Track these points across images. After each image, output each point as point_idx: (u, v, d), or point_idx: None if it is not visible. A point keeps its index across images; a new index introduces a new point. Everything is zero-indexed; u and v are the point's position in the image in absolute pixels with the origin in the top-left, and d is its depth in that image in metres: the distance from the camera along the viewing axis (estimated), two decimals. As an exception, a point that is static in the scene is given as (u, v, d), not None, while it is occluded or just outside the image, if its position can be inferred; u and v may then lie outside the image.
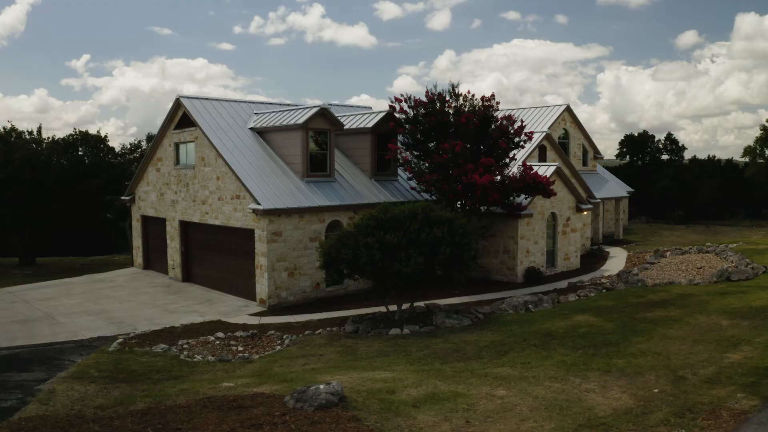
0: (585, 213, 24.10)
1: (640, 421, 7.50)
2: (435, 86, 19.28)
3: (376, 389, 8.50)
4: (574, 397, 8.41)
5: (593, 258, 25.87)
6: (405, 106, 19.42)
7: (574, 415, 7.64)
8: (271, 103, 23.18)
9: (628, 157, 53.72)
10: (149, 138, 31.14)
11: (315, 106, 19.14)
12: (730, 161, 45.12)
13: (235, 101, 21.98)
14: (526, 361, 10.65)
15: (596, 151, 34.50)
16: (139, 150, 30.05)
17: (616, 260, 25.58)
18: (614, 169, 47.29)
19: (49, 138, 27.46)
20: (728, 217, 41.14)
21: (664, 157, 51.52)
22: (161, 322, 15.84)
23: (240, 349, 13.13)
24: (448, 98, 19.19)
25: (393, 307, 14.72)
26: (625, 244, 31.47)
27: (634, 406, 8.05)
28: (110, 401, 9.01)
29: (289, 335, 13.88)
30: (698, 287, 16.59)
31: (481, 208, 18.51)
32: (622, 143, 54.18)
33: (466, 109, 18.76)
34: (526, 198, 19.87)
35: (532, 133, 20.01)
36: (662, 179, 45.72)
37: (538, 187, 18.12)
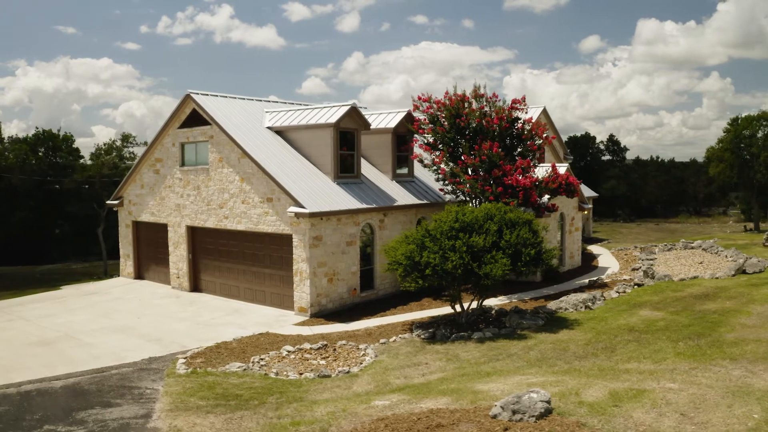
0: (585, 212, 25.00)
1: (825, 397, 7.80)
2: (455, 87, 19.26)
3: (558, 393, 8.25)
4: (741, 383, 8.61)
5: (583, 256, 26.86)
6: (432, 106, 19.21)
7: (768, 398, 7.82)
8: (276, 102, 22.15)
9: (571, 157, 56.58)
10: (124, 138, 28.73)
11: (344, 105, 18.47)
12: (672, 161, 48.67)
13: (243, 98, 20.78)
14: (646, 355, 10.79)
15: (566, 152, 35.98)
16: (114, 151, 27.65)
17: (606, 257, 26.70)
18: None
19: (8, 138, 24.56)
20: (673, 215, 44.36)
21: (606, 158, 54.81)
22: (204, 336, 14.62)
23: (322, 362, 12.34)
24: (471, 99, 19.20)
25: (437, 309, 14.48)
26: (598, 242, 33.01)
27: (803, 387, 8.38)
28: (258, 434, 8.13)
29: (365, 345, 13.24)
30: (724, 280, 17.63)
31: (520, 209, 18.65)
32: (565, 144, 56.94)
33: (488, 111, 18.86)
34: (548, 198, 20.25)
35: (544, 130, 20.35)
36: (608, 179, 48.51)
37: (570, 188, 18.55)
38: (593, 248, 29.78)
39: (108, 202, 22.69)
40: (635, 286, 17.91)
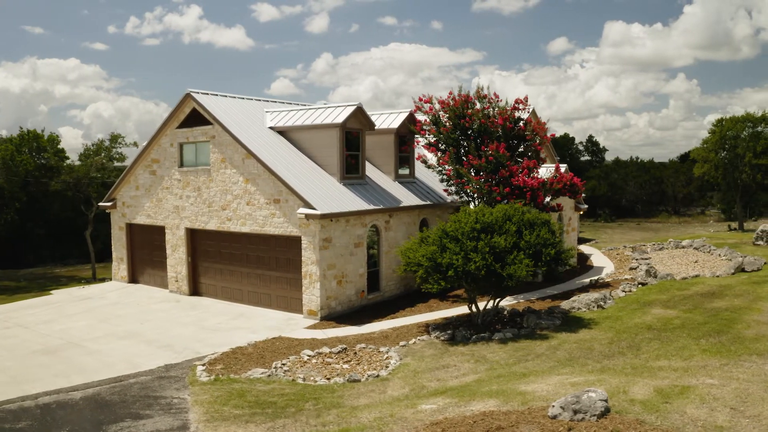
0: (581, 212, 25.28)
1: None
2: (460, 87, 19.27)
3: (606, 392, 8.23)
4: (779, 380, 8.77)
5: (577, 256, 27.14)
6: (435, 107, 19.16)
7: (815, 395, 7.95)
8: (274, 101, 21.81)
9: (558, 158, 57.35)
10: (113, 138, 27.80)
11: (350, 105, 18.28)
12: (652, 161, 49.70)
13: (243, 98, 20.39)
14: (672, 353, 10.91)
15: (554, 153, 36.34)
16: (103, 152, 26.74)
17: (598, 257, 27.06)
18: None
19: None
20: (653, 215, 45.28)
21: (585, 158, 55.68)
22: (215, 342, 14.25)
23: (345, 366, 12.15)
24: (474, 100, 19.22)
25: (447, 311, 14.44)
26: (586, 242, 33.45)
27: (842, 385, 8.56)
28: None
29: (386, 348, 13.08)
30: (726, 279, 18.00)
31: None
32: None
33: (491, 112, 18.90)
34: (551, 198, 20.38)
35: (544, 129, 20.44)
36: (588, 180, 49.26)
37: (574, 188, 18.69)
38: (583, 248, 30.14)
39: (101, 204, 21.96)
40: (640, 285, 18.13)
